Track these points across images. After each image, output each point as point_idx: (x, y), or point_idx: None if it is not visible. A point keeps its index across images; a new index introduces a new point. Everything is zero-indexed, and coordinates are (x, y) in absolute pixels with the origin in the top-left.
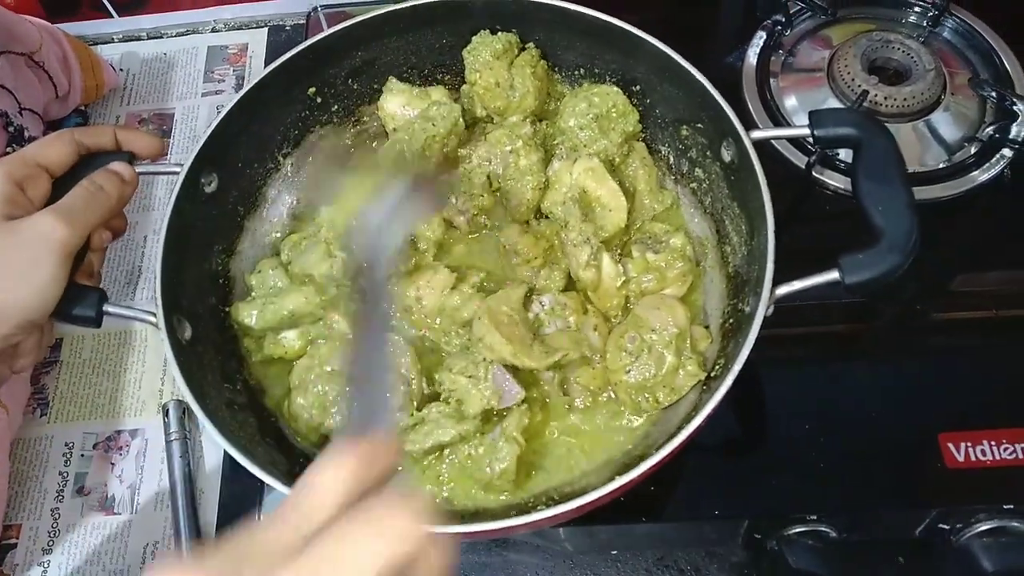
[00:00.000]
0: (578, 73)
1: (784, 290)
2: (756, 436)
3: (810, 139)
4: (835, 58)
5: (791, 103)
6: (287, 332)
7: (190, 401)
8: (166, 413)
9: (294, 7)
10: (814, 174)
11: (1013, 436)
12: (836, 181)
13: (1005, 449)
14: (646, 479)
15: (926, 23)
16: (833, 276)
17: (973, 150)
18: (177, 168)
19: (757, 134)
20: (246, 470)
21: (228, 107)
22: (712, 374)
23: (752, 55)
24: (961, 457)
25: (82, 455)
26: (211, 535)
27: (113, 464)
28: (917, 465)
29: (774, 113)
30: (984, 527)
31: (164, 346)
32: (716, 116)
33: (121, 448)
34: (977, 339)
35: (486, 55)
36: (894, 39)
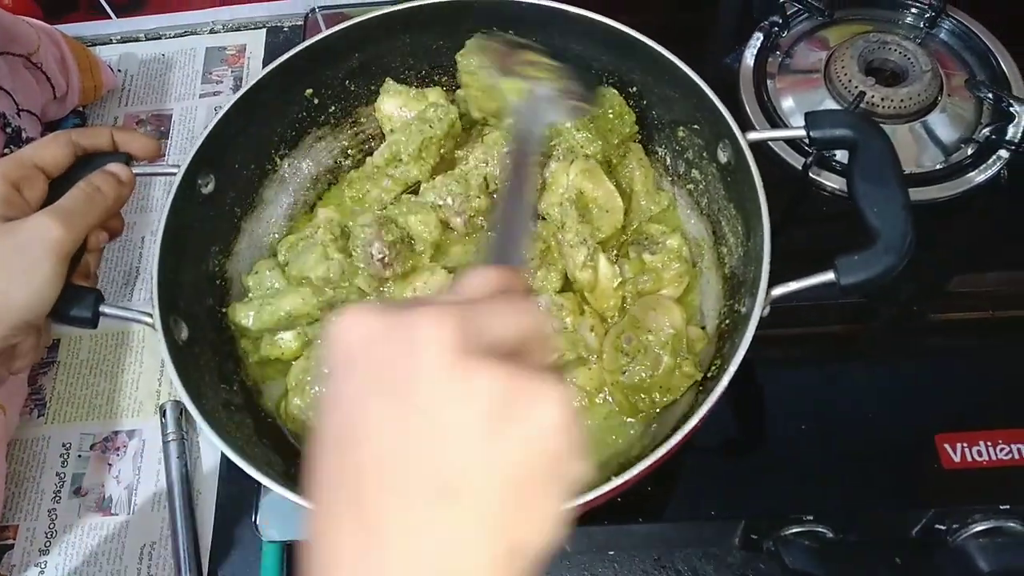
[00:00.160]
0: None
1: (780, 291)
2: (753, 437)
3: (806, 140)
4: (832, 59)
5: (788, 104)
6: (284, 333)
7: (186, 402)
8: (163, 414)
9: (292, 8)
10: (811, 175)
11: (1009, 436)
12: (833, 182)
13: (1001, 450)
14: (643, 479)
15: (923, 24)
16: (828, 277)
17: (970, 151)
18: (174, 169)
19: (753, 135)
20: (243, 471)
21: (225, 108)
22: (708, 375)
23: (749, 56)
24: (957, 458)
25: (79, 456)
26: (208, 536)
27: (110, 465)
28: (914, 466)
29: (771, 114)
30: (980, 527)
31: (160, 347)
32: (712, 117)
33: (118, 449)
34: (974, 340)
35: (478, 59)
36: (891, 40)
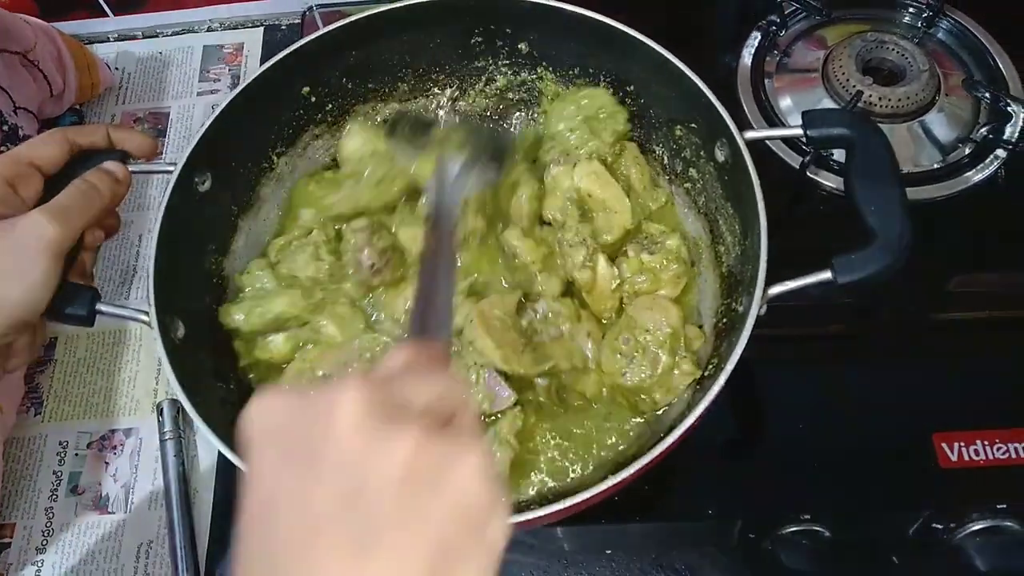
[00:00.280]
0: (572, 73)
1: (777, 290)
2: (750, 436)
3: (803, 139)
4: (830, 59)
5: (786, 103)
6: (275, 336)
7: (182, 400)
8: (160, 412)
9: (289, 6)
10: (808, 174)
11: (1007, 436)
12: (830, 181)
13: (998, 449)
14: (640, 478)
15: (920, 24)
16: (825, 276)
17: (967, 151)
18: (171, 167)
19: (750, 134)
20: (240, 469)
21: (222, 106)
22: (705, 374)
23: (747, 55)
24: (955, 457)
25: (76, 454)
26: (205, 534)
27: (107, 463)
28: (911, 465)
29: (769, 113)
30: (978, 527)
31: (157, 345)
32: (710, 116)
33: (115, 447)
34: (971, 339)
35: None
36: (888, 40)
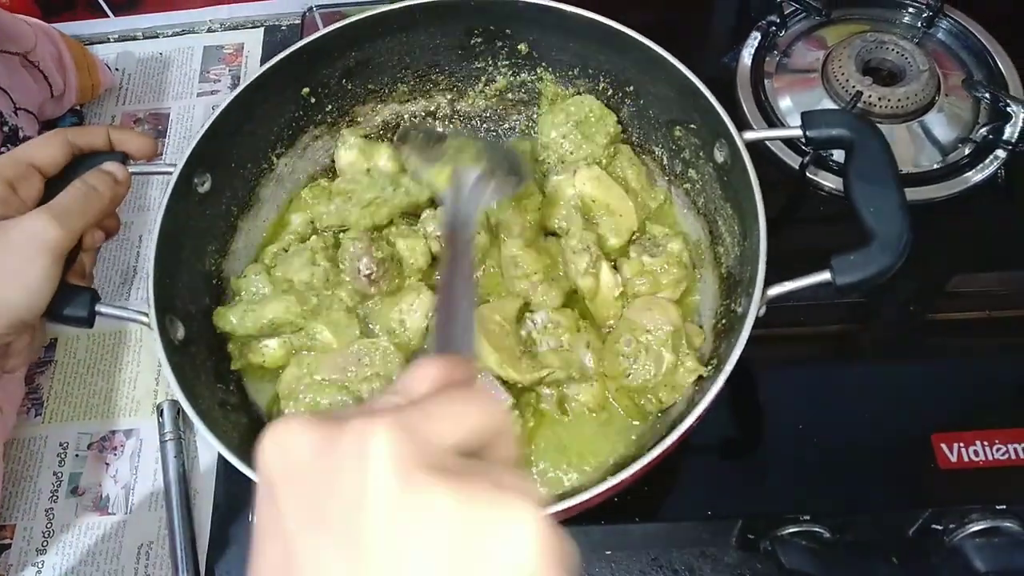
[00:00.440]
0: (572, 73)
1: (776, 291)
2: (750, 436)
3: (803, 140)
4: (829, 59)
5: (785, 104)
6: (268, 341)
7: (182, 401)
8: (160, 413)
9: (290, 7)
10: (808, 175)
11: (1006, 436)
12: (830, 182)
13: (998, 449)
14: (639, 479)
15: (920, 24)
16: (824, 277)
17: (967, 151)
18: (170, 168)
19: (749, 135)
20: (239, 470)
21: (222, 107)
22: (705, 374)
23: (747, 56)
24: (954, 457)
25: (76, 455)
26: (205, 535)
27: (107, 464)
28: (910, 465)
29: (768, 114)
30: (977, 527)
31: (156, 347)
32: (709, 117)
33: (115, 448)
34: (971, 339)
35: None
36: (888, 40)
